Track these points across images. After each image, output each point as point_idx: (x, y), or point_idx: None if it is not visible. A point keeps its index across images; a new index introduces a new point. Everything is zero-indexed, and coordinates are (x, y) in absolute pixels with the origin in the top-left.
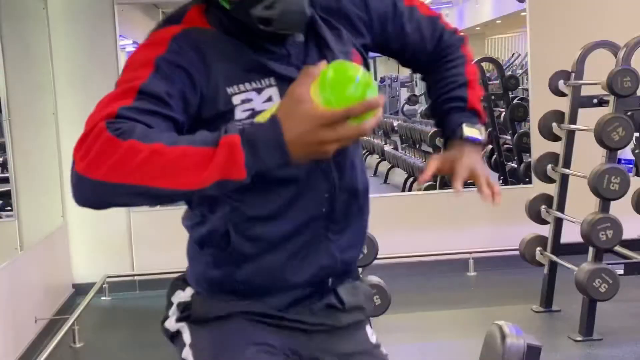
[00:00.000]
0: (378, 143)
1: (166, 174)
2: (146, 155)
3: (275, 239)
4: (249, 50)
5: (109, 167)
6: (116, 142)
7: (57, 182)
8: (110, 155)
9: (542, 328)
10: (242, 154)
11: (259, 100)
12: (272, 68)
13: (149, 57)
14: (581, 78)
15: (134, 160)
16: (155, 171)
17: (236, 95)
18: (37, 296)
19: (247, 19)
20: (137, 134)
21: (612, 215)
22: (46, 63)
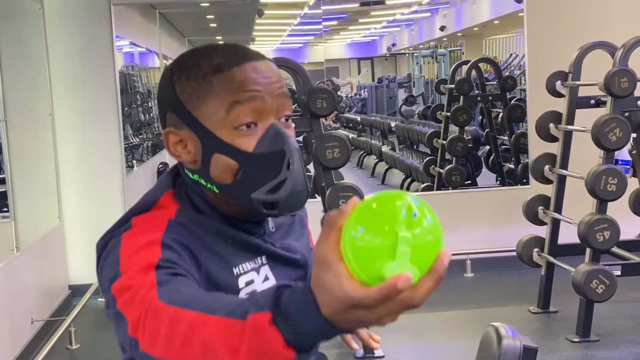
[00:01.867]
0: (375, 144)
1: (207, 356)
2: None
3: None
4: (230, 228)
5: (162, 345)
6: (162, 309)
7: (53, 183)
8: (159, 327)
9: (539, 329)
10: (278, 335)
11: (259, 280)
12: (261, 247)
13: (151, 238)
14: (578, 79)
15: (178, 337)
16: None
17: (241, 277)
18: (33, 297)
19: (242, 201)
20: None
21: (609, 216)
22: (42, 64)
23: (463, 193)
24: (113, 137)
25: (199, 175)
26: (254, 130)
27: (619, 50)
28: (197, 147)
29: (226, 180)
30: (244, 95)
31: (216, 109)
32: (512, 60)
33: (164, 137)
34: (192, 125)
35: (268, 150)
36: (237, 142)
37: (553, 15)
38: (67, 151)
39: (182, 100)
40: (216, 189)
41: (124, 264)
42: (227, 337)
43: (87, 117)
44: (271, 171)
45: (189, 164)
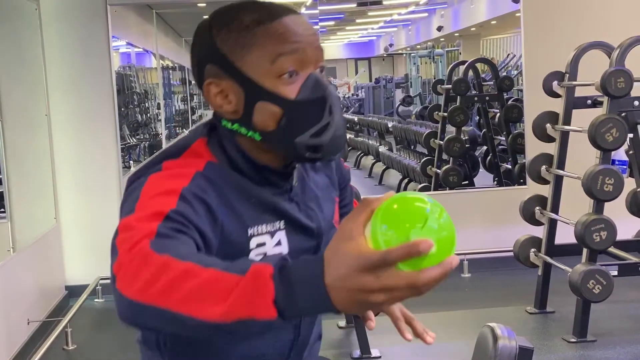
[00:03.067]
0: (373, 144)
1: (191, 300)
2: (177, 274)
3: None
4: (256, 186)
5: (141, 287)
6: (152, 256)
7: (49, 184)
8: (144, 272)
9: (536, 329)
10: (271, 289)
11: (270, 244)
12: (283, 210)
13: (174, 187)
14: (575, 79)
15: (164, 280)
16: (181, 295)
17: (254, 238)
18: (30, 298)
19: (285, 147)
20: (172, 248)
21: (606, 217)
22: (39, 64)
23: (460, 193)
24: (110, 137)
25: (239, 124)
26: (295, 78)
27: (615, 51)
28: (239, 96)
29: (269, 126)
30: (288, 47)
31: (260, 59)
32: (509, 60)
33: (205, 88)
34: (234, 76)
35: (310, 96)
36: (280, 90)
37: (550, 15)
38: (64, 152)
39: (224, 52)
40: (258, 137)
41: (140, 203)
42: (218, 287)
43: (83, 118)
44: (314, 116)
45: (229, 114)
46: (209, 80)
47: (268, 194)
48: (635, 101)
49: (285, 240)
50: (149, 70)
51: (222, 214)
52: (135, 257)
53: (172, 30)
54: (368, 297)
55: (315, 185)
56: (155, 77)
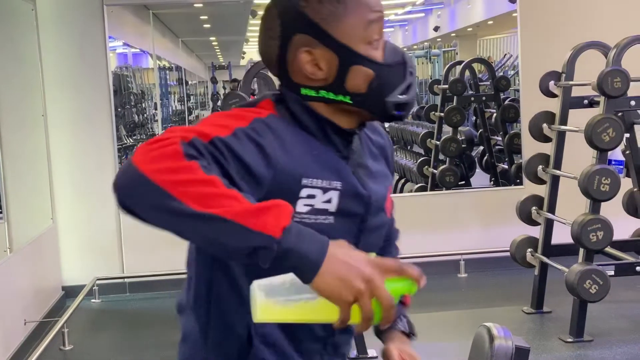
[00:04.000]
0: None
1: (203, 200)
2: (201, 179)
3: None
4: (319, 144)
5: (160, 170)
6: (181, 156)
7: (46, 184)
8: (168, 162)
9: (532, 329)
10: (289, 217)
11: (320, 199)
12: (344, 171)
13: (230, 124)
14: (572, 79)
15: (184, 176)
16: (197, 194)
17: (306, 189)
18: (27, 298)
19: (375, 106)
20: (202, 161)
21: (602, 217)
22: (35, 64)
23: (457, 193)
24: (106, 137)
25: (326, 90)
26: (378, 44)
27: (612, 50)
28: (332, 63)
29: (361, 89)
30: (375, 15)
31: (354, 27)
32: (505, 60)
33: (298, 57)
34: (329, 44)
35: (394, 59)
36: (372, 54)
37: (546, 15)
38: (60, 152)
39: (317, 22)
40: (349, 99)
41: (198, 124)
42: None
43: (80, 118)
44: (398, 77)
45: (317, 81)
46: (304, 49)
47: (333, 155)
48: (631, 101)
49: (336, 200)
50: (146, 70)
51: (277, 155)
52: (163, 147)
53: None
54: (354, 278)
55: (372, 165)
56: (152, 77)
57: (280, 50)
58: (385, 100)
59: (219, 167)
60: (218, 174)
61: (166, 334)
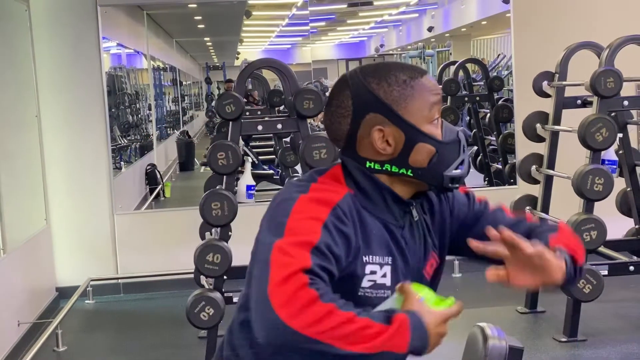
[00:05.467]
0: None
1: (349, 340)
2: (341, 321)
3: None
4: (379, 225)
5: (308, 323)
6: (319, 303)
7: (40, 185)
8: (312, 313)
9: (526, 329)
10: (409, 333)
11: (379, 274)
12: (392, 248)
13: (318, 215)
14: (565, 79)
15: (330, 323)
16: (343, 336)
17: (368, 265)
18: (20, 300)
19: (434, 179)
20: (334, 299)
21: (596, 216)
22: (29, 65)
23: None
24: (100, 138)
25: (390, 164)
26: (437, 123)
27: (605, 51)
28: (399, 139)
29: (423, 164)
30: (437, 97)
31: (420, 108)
32: (499, 60)
33: (371, 134)
34: (398, 122)
35: (451, 138)
36: (434, 133)
37: (540, 15)
38: (54, 153)
39: (388, 103)
40: (411, 173)
41: (290, 225)
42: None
43: (73, 119)
44: (454, 154)
45: (384, 156)
46: (378, 127)
47: (385, 233)
48: (624, 101)
49: (389, 275)
50: (140, 71)
51: (356, 241)
52: (299, 296)
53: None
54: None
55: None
56: (146, 78)
57: (352, 127)
58: (443, 174)
59: (329, 273)
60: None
61: (160, 334)
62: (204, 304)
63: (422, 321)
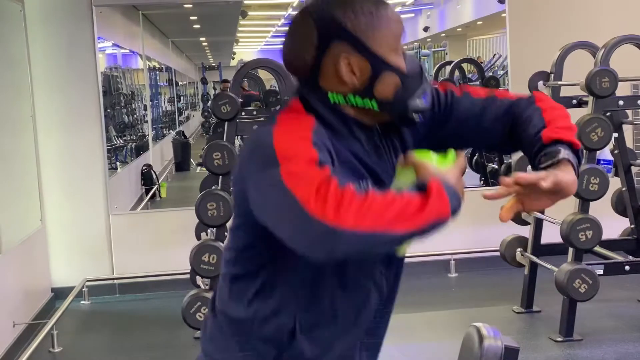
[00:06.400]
0: None
1: (401, 220)
2: (386, 203)
3: (332, 344)
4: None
5: (361, 217)
6: (358, 196)
7: (35, 185)
8: (359, 207)
9: (522, 329)
10: (447, 197)
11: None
12: (364, 173)
13: (304, 135)
14: (560, 79)
15: (378, 209)
16: (394, 218)
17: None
18: (15, 300)
19: (398, 111)
20: (363, 190)
21: (591, 216)
22: (24, 65)
23: None
24: (95, 138)
25: (354, 96)
26: (401, 55)
27: (600, 51)
28: (364, 69)
29: (388, 95)
30: (401, 29)
31: (387, 38)
32: (495, 60)
33: (338, 64)
34: (364, 52)
35: (413, 68)
36: (399, 64)
37: (535, 15)
38: (49, 153)
39: (355, 32)
40: (375, 104)
41: (281, 152)
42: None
43: (69, 119)
44: (417, 85)
45: (348, 87)
46: (344, 56)
47: (352, 158)
48: (620, 101)
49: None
50: (136, 71)
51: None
52: (340, 197)
53: (159, 32)
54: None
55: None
56: (142, 78)
57: (316, 57)
58: (407, 105)
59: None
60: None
61: (156, 335)
62: (200, 305)
63: (449, 182)
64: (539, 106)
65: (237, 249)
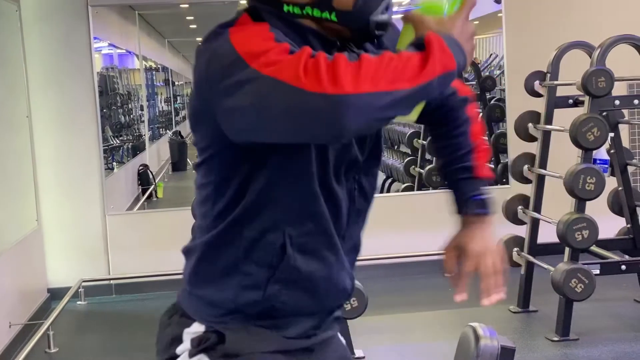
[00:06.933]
0: None
1: (406, 75)
2: (384, 62)
3: (324, 255)
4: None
5: (365, 79)
6: (353, 63)
7: (31, 186)
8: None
9: (519, 328)
10: (449, 49)
11: None
12: None
13: (263, 34)
14: (556, 78)
15: (378, 69)
16: (397, 75)
17: None
18: (11, 301)
19: (359, 24)
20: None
21: (587, 215)
22: (19, 65)
23: (443, 193)
24: (92, 138)
25: (312, 7)
26: None
27: (596, 50)
28: None
29: (348, 6)
30: None
31: None
32: (491, 60)
33: None
34: None
35: None
36: None
37: (531, 15)
38: (45, 153)
39: None
40: (334, 17)
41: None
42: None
43: (65, 119)
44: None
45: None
46: None
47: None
48: (616, 100)
49: None
50: (132, 71)
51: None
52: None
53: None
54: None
55: None
56: (138, 78)
57: None
58: (369, 18)
59: None
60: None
61: (153, 335)
62: None
63: (449, 35)
64: (469, 116)
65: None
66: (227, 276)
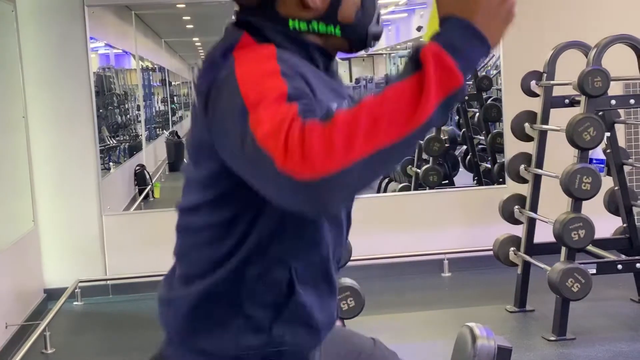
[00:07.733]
0: None
1: (396, 122)
2: (371, 111)
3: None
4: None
5: (345, 148)
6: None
7: (27, 186)
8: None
9: (516, 328)
10: (449, 58)
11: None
12: (341, 89)
13: (268, 68)
14: (553, 78)
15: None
16: (386, 125)
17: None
18: (8, 302)
19: (359, 35)
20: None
21: (584, 215)
22: (15, 66)
23: (440, 193)
24: (88, 139)
25: (318, 22)
26: None
27: (592, 50)
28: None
29: (350, 18)
30: None
31: None
32: (488, 60)
33: None
34: None
35: None
36: None
37: (528, 15)
38: (42, 154)
39: None
40: (339, 31)
41: (248, 94)
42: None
43: (61, 119)
44: (373, 7)
45: (311, 12)
46: None
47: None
48: (612, 100)
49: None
50: (129, 71)
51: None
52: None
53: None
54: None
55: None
56: (134, 78)
57: None
58: (367, 29)
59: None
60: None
61: (150, 336)
62: None
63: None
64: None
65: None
66: (225, 322)
